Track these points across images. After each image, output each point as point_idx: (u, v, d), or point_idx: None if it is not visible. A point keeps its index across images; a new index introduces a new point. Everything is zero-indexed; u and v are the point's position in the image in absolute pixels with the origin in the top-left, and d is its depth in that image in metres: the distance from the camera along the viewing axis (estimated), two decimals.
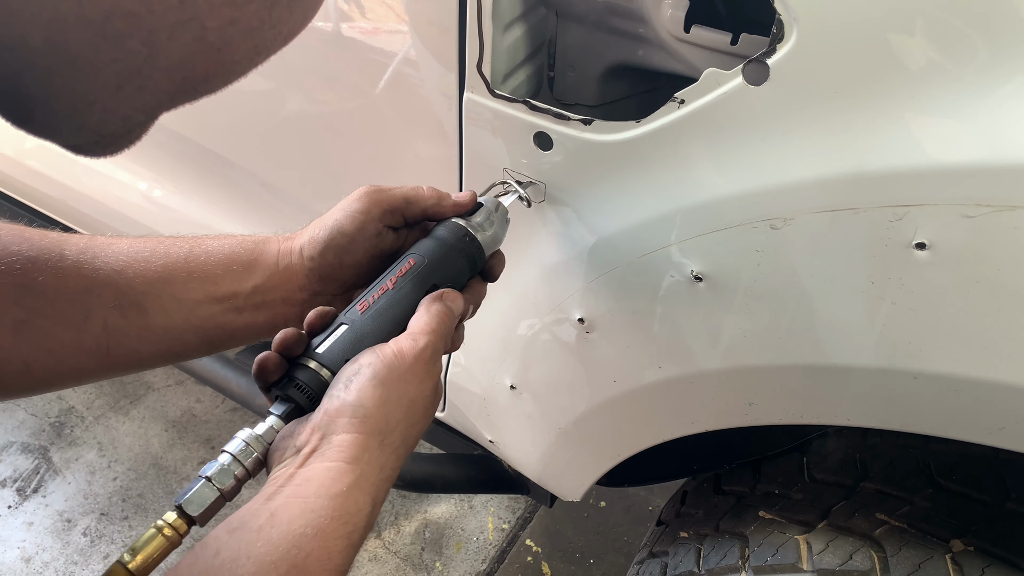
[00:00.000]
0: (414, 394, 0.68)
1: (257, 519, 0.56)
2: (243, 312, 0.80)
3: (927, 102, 0.67)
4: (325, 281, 0.80)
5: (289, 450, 0.63)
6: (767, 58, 0.71)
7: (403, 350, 0.68)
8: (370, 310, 0.73)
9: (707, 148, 0.79)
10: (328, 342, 0.70)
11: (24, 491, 2.18)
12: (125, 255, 0.77)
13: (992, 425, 0.74)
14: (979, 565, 0.85)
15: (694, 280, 0.85)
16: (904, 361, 0.75)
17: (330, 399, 0.65)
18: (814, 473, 1.07)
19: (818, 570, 0.92)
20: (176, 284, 0.77)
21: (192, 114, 1.46)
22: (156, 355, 0.78)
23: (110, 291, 0.74)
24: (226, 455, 0.64)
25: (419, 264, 0.77)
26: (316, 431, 0.63)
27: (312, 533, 0.56)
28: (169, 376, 2.51)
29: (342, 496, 0.59)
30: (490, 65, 0.89)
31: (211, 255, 0.80)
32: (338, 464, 0.60)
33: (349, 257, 0.79)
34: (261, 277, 0.80)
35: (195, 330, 0.78)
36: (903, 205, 0.69)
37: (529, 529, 2.18)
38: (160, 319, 0.76)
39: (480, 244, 0.82)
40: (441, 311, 0.73)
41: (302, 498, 0.58)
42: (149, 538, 0.58)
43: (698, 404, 0.98)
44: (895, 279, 0.72)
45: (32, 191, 1.78)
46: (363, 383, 0.65)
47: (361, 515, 0.60)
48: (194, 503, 0.61)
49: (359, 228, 0.78)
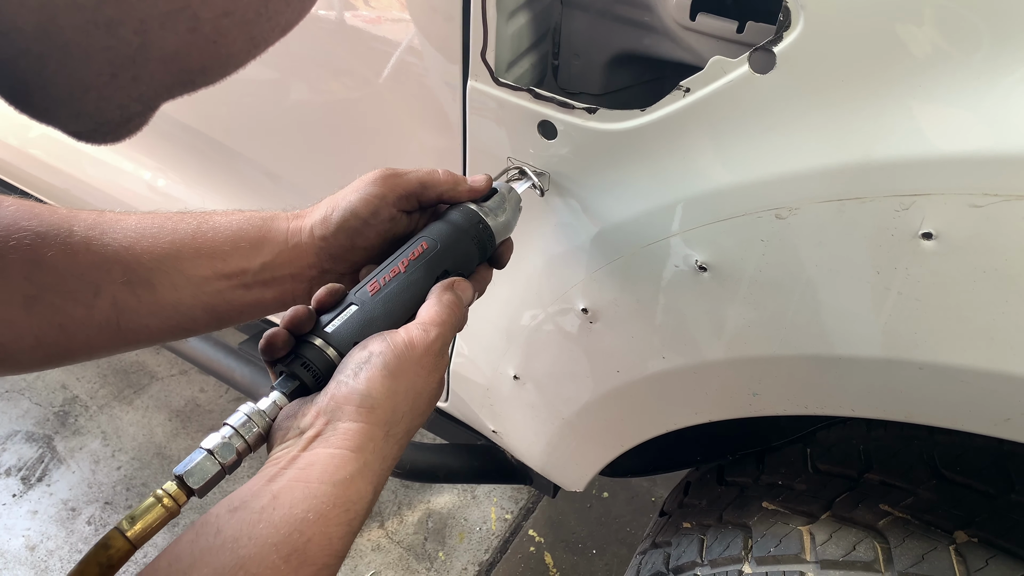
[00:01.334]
0: (421, 386, 0.67)
1: (259, 500, 0.56)
2: (252, 288, 0.80)
3: (934, 91, 0.66)
4: (336, 260, 0.80)
5: (292, 431, 0.63)
6: (773, 46, 0.70)
7: (414, 340, 0.67)
8: (381, 292, 0.73)
9: (712, 137, 0.79)
10: (337, 322, 0.70)
11: (29, 480, 2.19)
12: (133, 231, 0.77)
13: (998, 416, 0.74)
14: (983, 556, 0.84)
15: (699, 270, 0.84)
16: (910, 352, 0.75)
17: (338, 384, 0.64)
18: (818, 464, 1.07)
19: (821, 561, 0.92)
20: (184, 260, 0.77)
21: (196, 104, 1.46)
22: (165, 330, 0.78)
23: (119, 267, 0.74)
24: (228, 428, 0.63)
25: (431, 248, 0.76)
26: (322, 415, 0.63)
27: (314, 518, 0.56)
28: (173, 366, 2.51)
29: (345, 483, 0.59)
30: (494, 53, 0.88)
31: (218, 231, 0.79)
32: (343, 451, 0.60)
33: (361, 239, 0.79)
34: (270, 254, 0.80)
35: (204, 306, 0.78)
36: (910, 194, 0.68)
37: (532, 519, 2.18)
38: (169, 295, 0.76)
39: (492, 231, 0.81)
40: (452, 301, 0.73)
41: (305, 482, 0.58)
42: (148, 507, 0.58)
43: (702, 394, 0.97)
44: (901, 269, 0.72)
45: (37, 181, 1.78)
46: (373, 372, 0.64)
47: (363, 503, 0.60)
48: (195, 475, 0.60)
49: (373, 212, 0.78)
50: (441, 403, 1.40)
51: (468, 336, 1.25)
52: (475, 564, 2.07)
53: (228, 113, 1.37)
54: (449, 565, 2.07)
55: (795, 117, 0.73)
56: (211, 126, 1.41)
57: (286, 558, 0.54)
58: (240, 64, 0.41)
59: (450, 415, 1.45)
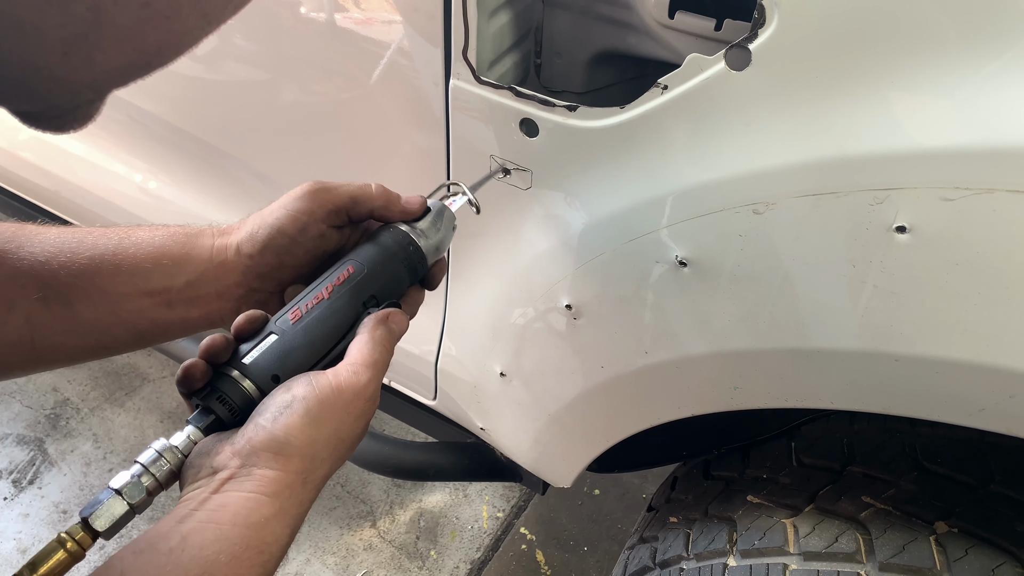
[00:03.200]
0: (346, 432, 0.64)
1: (167, 542, 0.54)
2: (175, 307, 0.76)
3: (906, 86, 0.67)
4: (263, 279, 0.77)
5: (204, 469, 0.60)
6: (749, 43, 0.71)
7: (341, 385, 0.64)
8: (302, 321, 0.69)
9: (690, 133, 0.80)
10: (255, 352, 0.67)
11: (20, 483, 2.19)
12: (52, 245, 0.73)
13: (972, 407, 0.75)
14: (962, 546, 0.85)
15: (679, 265, 0.85)
16: (886, 344, 0.76)
17: (256, 428, 0.61)
18: (802, 458, 1.08)
19: (804, 553, 0.93)
20: (103, 276, 0.74)
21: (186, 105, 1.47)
22: (83, 348, 0.75)
23: (34, 282, 0.71)
24: (137, 466, 0.61)
25: (358, 273, 0.73)
26: (236, 457, 0.60)
27: (225, 560, 0.54)
28: (164, 367, 2.51)
29: (259, 526, 0.57)
30: (475, 52, 0.89)
31: (140, 247, 0.76)
32: (257, 496, 0.58)
33: (289, 258, 0.76)
34: (194, 273, 0.76)
35: (124, 324, 0.75)
36: (884, 189, 0.69)
37: (523, 517, 2.19)
38: (86, 312, 0.73)
39: (424, 253, 0.78)
40: (384, 338, 0.69)
41: (217, 524, 0.56)
42: (49, 551, 0.55)
43: (684, 389, 0.98)
44: (876, 262, 0.73)
45: (26, 183, 1.78)
46: (293, 420, 0.61)
47: (278, 545, 0.58)
48: (101, 517, 0.58)
49: (301, 229, 0.75)
50: (429, 401, 1.41)
51: (455, 334, 1.26)
52: (467, 562, 2.08)
53: (219, 115, 1.37)
54: (441, 564, 2.08)
55: (771, 113, 0.74)
56: (202, 128, 1.42)
57: None
58: (194, 42, 0.40)
59: (439, 413, 1.45)
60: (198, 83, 1.31)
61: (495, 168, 0.95)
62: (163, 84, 1.37)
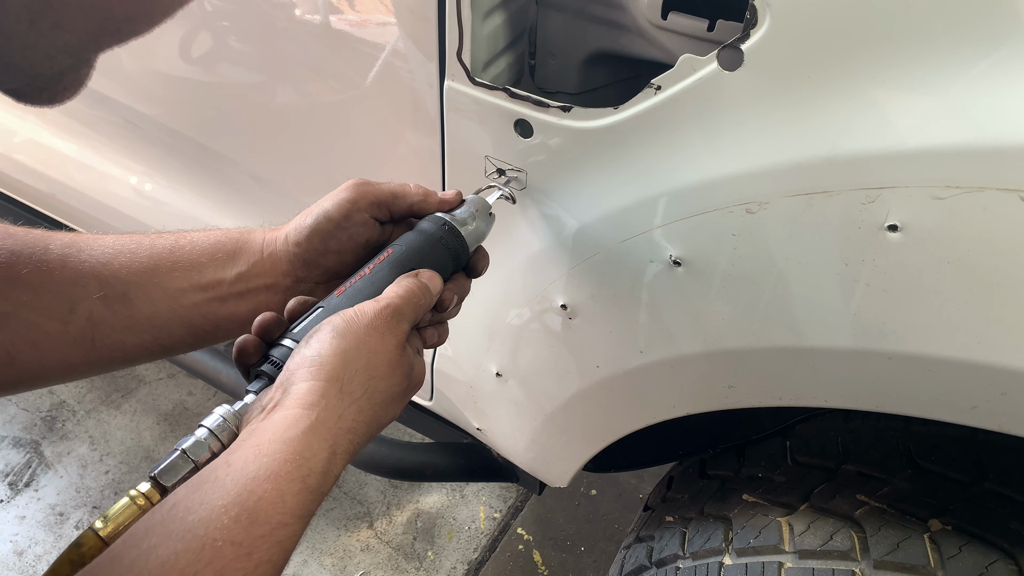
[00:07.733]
0: (374, 345, 0.68)
1: (215, 471, 0.57)
2: (227, 301, 0.81)
3: (897, 85, 0.68)
4: (309, 267, 0.81)
5: (255, 410, 0.65)
6: (741, 44, 0.72)
7: (363, 307, 0.70)
8: (346, 293, 0.74)
9: (683, 134, 0.80)
10: (304, 322, 0.72)
11: (16, 485, 2.19)
12: (111, 248, 0.78)
13: (965, 404, 0.75)
14: (956, 544, 0.86)
15: (673, 265, 0.86)
16: (878, 342, 0.76)
17: (292, 358, 0.66)
18: (797, 456, 1.08)
19: (799, 551, 0.94)
20: (161, 273, 0.78)
21: (181, 107, 1.47)
22: (142, 347, 0.79)
23: (95, 282, 0.75)
24: (203, 429, 0.65)
25: (397, 252, 0.78)
26: (279, 387, 0.64)
27: (264, 476, 0.56)
28: (161, 370, 2.51)
29: (295, 440, 0.59)
30: (470, 53, 0.89)
31: (196, 245, 0.81)
32: (294, 411, 0.61)
33: (334, 242, 0.80)
34: (245, 265, 0.81)
35: (180, 320, 0.79)
36: (875, 187, 0.70)
37: (520, 518, 2.19)
38: (145, 309, 0.77)
39: (462, 237, 0.82)
40: (411, 284, 0.74)
41: (256, 444, 0.58)
42: (122, 507, 0.59)
43: (679, 388, 0.99)
44: (868, 261, 0.73)
45: (22, 186, 1.78)
46: (321, 336, 0.66)
47: (316, 459, 0.60)
48: (168, 473, 0.62)
49: (345, 215, 0.79)
50: (426, 402, 1.41)
51: (450, 335, 1.26)
52: (464, 563, 2.08)
53: (214, 117, 1.37)
54: (438, 564, 2.08)
55: (764, 113, 0.75)
56: (198, 130, 1.42)
57: (235, 518, 0.54)
58: (167, 12, 0.40)
59: (435, 414, 1.46)
60: (193, 85, 1.31)
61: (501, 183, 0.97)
62: (158, 86, 1.37)
